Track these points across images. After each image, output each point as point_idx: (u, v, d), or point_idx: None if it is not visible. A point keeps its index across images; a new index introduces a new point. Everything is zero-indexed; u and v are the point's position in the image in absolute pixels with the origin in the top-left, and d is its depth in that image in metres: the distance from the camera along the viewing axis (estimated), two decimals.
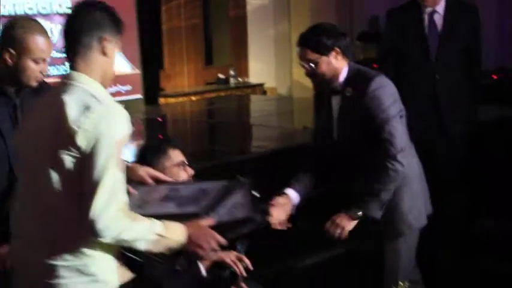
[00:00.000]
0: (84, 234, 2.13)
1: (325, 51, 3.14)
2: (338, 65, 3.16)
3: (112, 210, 2.09)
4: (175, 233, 2.27)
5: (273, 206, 3.16)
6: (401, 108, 3.18)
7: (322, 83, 3.24)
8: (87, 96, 2.17)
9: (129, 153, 3.67)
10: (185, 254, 2.46)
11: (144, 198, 2.55)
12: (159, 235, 2.21)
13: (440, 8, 4.36)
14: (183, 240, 2.29)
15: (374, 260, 3.44)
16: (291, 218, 3.23)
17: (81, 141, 2.09)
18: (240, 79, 10.21)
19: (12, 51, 2.78)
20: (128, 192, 2.41)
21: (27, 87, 2.88)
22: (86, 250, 2.20)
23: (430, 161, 3.66)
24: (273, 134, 6.38)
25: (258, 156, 5.19)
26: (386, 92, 3.12)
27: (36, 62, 2.81)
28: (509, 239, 4.73)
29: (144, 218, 2.21)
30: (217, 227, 2.39)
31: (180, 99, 9.29)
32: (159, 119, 7.63)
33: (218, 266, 2.94)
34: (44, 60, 2.84)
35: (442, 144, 4.31)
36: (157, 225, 2.22)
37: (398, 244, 3.31)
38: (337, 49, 3.14)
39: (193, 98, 9.45)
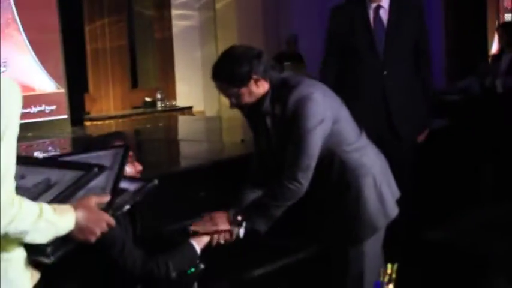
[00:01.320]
0: None
1: (242, 83, 2.87)
2: (261, 90, 2.90)
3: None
4: (64, 219, 1.94)
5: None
6: (323, 118, 2.87)
7: (251, 110, 3.01)
8: None
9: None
10: None
11: None
12: (49, 222, 1.89)
13: (385, 2, 4.26)
14: (72, 226, 1.95)
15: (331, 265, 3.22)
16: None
17: None
18: (167, 102, 9.93)
19: None
20: None
21: None
22: (3, 253, 1.89)
23: None
24: (204, 149, 6.23)
25: (191, 169, 4.99)
26: (305, 104, 2.84)
27: None
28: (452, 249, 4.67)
29: (31, 202, 1.88)
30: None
31: (106, 122, 8.95)
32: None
33: None
34: None
35: (393, 146, 4.14)
36: (46, 210, 1.89)
37: (365, 247, 3.05)
38: (255, 76, 2.87)
39: (119, 121, 9.12)
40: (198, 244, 2.76)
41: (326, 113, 2.89)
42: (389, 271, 2.20)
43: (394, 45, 4.22)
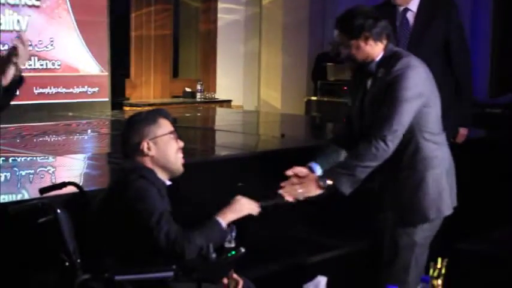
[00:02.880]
0: None
1: (353, 35, 3.02)
2: (369, 50, 3.04)
3: None
4: None
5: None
6: (422, 92, 2.97)
7: (355, 65, 3.15)
8: None
9: None
10: None
11: None
12: None
13: (414, 5, 4.12)
14: None
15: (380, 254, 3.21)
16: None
17: None
18: (207, 94, 9.97)
19: None
20: None
21: None
22: None
23: None
24: (246, 141, 6.29)
25: (232, 158, 5.00)
26: (409, 73, 2.96)
27: None
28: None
29: None
30: None
31: (145, 108, 9.00)
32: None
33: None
34: None
35: None
36: None
37: (416, 236, 3.08)
38: (367, 34, 3.01)
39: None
40: (224, 220, 2.73)
41: (425, 91, 3.01)
42: (439, 265, 2.17)
43: (416, 52, 4.09)
